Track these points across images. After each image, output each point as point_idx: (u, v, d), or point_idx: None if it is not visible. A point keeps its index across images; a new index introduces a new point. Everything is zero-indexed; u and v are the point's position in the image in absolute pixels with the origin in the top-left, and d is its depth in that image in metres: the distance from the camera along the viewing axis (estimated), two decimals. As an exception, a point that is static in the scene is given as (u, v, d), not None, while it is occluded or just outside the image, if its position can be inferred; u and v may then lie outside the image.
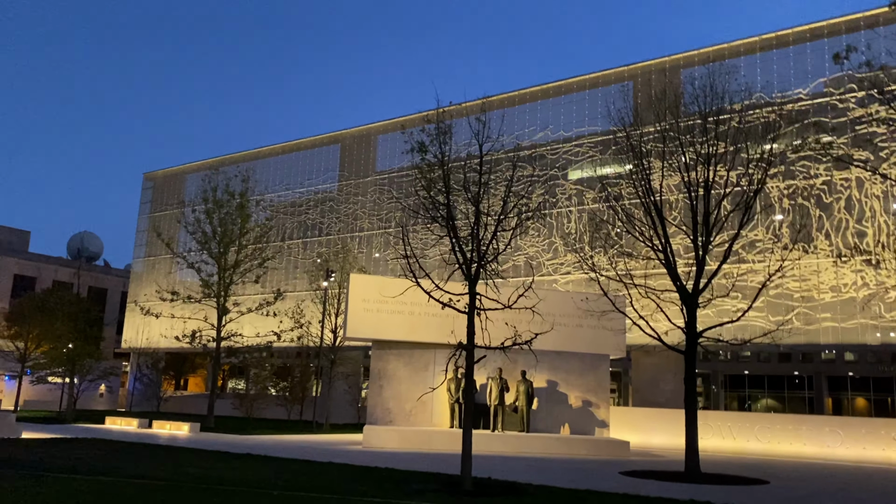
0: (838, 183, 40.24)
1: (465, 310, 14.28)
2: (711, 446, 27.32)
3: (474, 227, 14.47)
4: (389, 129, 53.14)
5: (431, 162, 14.64)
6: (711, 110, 19.76)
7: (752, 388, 49.20)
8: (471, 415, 14.31)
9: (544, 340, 17.58)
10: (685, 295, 19.28)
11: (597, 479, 16.82)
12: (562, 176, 46.90)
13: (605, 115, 24.61)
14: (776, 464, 23.63)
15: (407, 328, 24.68)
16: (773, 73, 41.30)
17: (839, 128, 38.52)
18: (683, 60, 43.71)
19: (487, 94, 16.55)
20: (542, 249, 46.86)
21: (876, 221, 39.38)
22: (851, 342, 40.90)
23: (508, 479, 15.38)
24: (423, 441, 23.55)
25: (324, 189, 56.55)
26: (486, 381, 24.85)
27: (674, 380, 37.24)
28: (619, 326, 24.63)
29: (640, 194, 20.24)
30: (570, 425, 26.08)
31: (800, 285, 40.57)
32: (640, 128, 22.36)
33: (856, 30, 38.64)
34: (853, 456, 25.60)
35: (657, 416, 30.31)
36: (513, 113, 47.52)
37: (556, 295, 27.34)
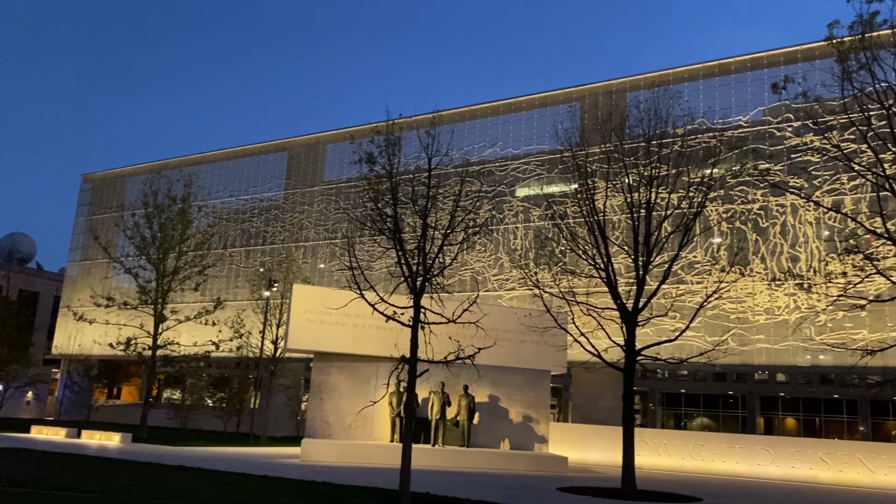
0: (774, 209, 41.66)
1: (409, 323, 14.21)
2: (648, 463, 27.74)
3: (421, 240, 14.44)
4: (339, 138, 52.85)
5: (380, 173, 14.58)
6: (655, 134, 20.23)
7: (688, 407, 50.18)
8: (411, 429, 14.21)
9: (487, 355, 17.60)
10: (625, 313, 19.61)
11: (535, 495, 16.88)
12: (509, 192, 47.33)
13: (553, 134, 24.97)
14: (710, 481, 24.13)
15: (350, 341, 24.44)
16: (715, 99, 42.63)
17: (776, 155, 39.92)
18: (630, 84, 44.75)
19: (438, 109, 16.57)
20: (488, 265, 47.14)
21: (809, 247, 40.87)
22: (783, 363, 42.26)
23: (447, 494, 15.30)
24: (362, 455, 23.28)
25: (269, 197, 55.81)
26: (428, 396, 24.75)
27: (613, 397, 37.79)
28: (561, 343, 24.89)
29: (585, 213, 20.57)
30: (511, 440, 26.17)
31: (736, 307, 41.74)
32: (586, 148, 22.75)
33: (794, 61, 40.23)
34: (782, 474, 26.34)
35: (596, 432, 30.66)
36: (463, 128, 47.84)
37: (500, 310, 27.47)
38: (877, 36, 14.81)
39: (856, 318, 37.33)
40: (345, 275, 15.17)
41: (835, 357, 38.59)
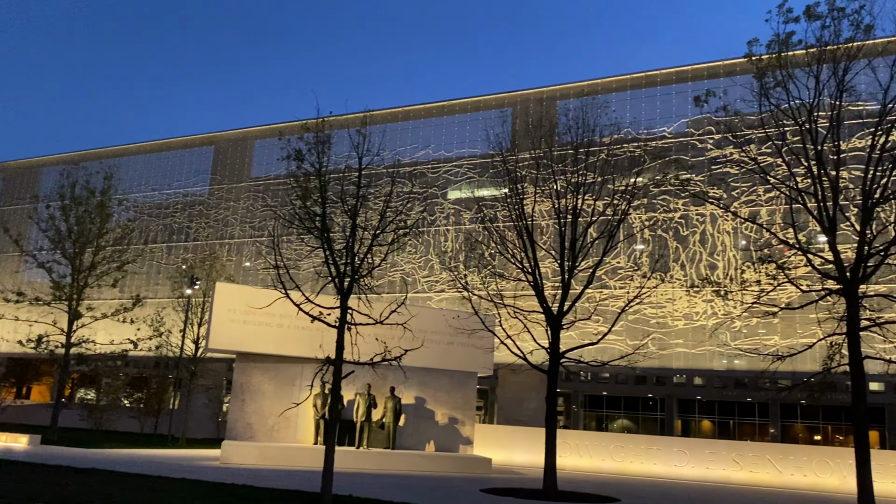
0: (694, 218, 43.15)
1: (335, 324, 14.06)
2: (569, 464, 28.24)
3: (349, 240, 14.30)
4: (267, 134, 51.95)
5: (308, 171, 14.38)
6: (583, 142, 20.65)
7: (609, 409, 51.45)
8: (334, 431, 14.06)
9: (415, 357, 17.60)
10: (550, 316, 19.94)
11: (458, 496, 16.95)
12: (441, 195, 47.48)
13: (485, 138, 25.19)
14: (628, 482, 24.75)
15: (274, 341, 24.01)
16: (641, 110, 43.85)
17: (697, 166, 41.36)
18: (560, 92, 45.57)
19: (370, 108, 16.47)
20: (419, 266, 47.17)
21: (726, 255, 42.50)
22: (700, 367, 43.80)
23: (370, 496, 15.19)
24: (285, 457, 22.89)
25: (194, 192, 54.34)
26: (354, 397, 24.55)
27: (537, 398, 38.34)
28: (488, 345, 25.09)
29: (514, 218, 20.82)
30: (436, 442, 26.21)
31: (656, 312, 43.04)
32: (517, 153, 23.04)
33: (716, 76, 41.78)
34: (698, 475, 27.24)
35: (520, 433, 31.02)
36: (395, 129, 47.73)
37: (428, 312, 27.48)
38: (792, 55, 15.51)
39: (768, 325, 39.04)
40: (270, 274, 14.89)
41: (748, 362, 40.25)
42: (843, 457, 25.28)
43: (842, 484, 24.62)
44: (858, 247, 14.71)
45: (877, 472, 17.55)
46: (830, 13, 14.91)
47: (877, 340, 15.26)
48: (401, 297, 14.97)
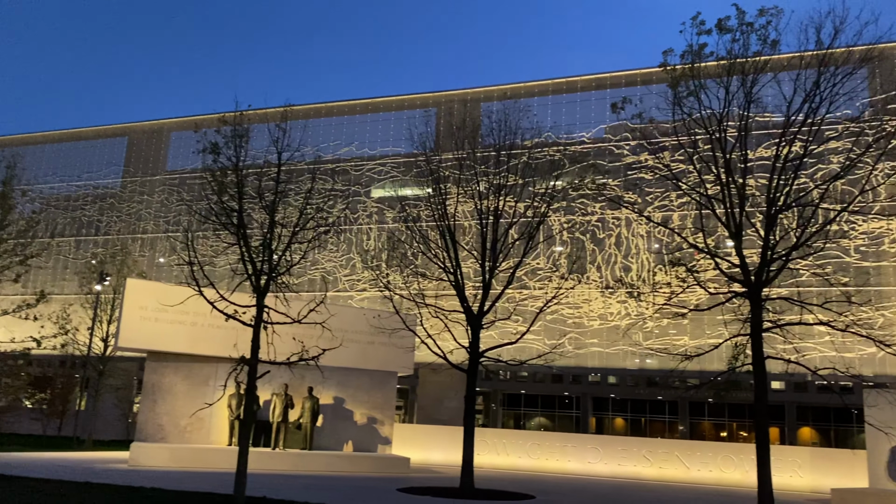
0: (610, 221, 44.36)
1: (251, 322, 13.75)
2: (487, 462, 28.54)
3: (267, 237, 14.02)
4: (184, 126, 50.41)
5: (225, 165, 14.01)
6: (505, 144, 20.90)
7: (527, 407, 52.28)
8: (248, 431, 13.76)
9: (334, 357, 17.38)
10: (471, 316, 20.10)
11: (374, 496, 16.87)
12: (364, 193, 47.16)
13: (409, 137, 25.17)
14: (544, 479, 25.21)
15: (187, 340, 23.30)
16: (562, 115, 44.76)
17: (614, 171, 42.53)
18: (484, 94, 46.00)
19: (291, 103, 16.19)
20: (340, 265, 46.71)
21: (640, 258, 43.85)
22: (614, 366, 45.06)
23: (285, 498, 14.94)
24: (197, 459, 22.25)
25: (105, 184, 52.17)
26: (270, 398, 24.09)
27: (457, 397, 38.58)
28: (409, 344, 25.08)
29: (437, 218, 20.89)
30: (354, 442, 26.01)
31: (573, 312, 44.02)
32: (440, 154, 23.13)
33: (634, 84, 43.06)
34: (610, 471, 28.00)
35: (439, 432, 31.14)
36: (318, 124, 47.12)
37: (348, 311, 27.25)
38: (704, 66, 16.13)
39: (678, 326, 40.50)
40: (184, 270, 14.45)
41: (659, 361, 41.66)
42: (745, 452, 26.46)
43: (744, 478, 25.77)
44: (762, 252, 15.42)
45: (776, 466, 18.46)
46: (740, 27, 15.58)
47: (778, 341, 16.00)
48: (320, 296, 14.76)
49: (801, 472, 25.92)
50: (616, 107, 16.64)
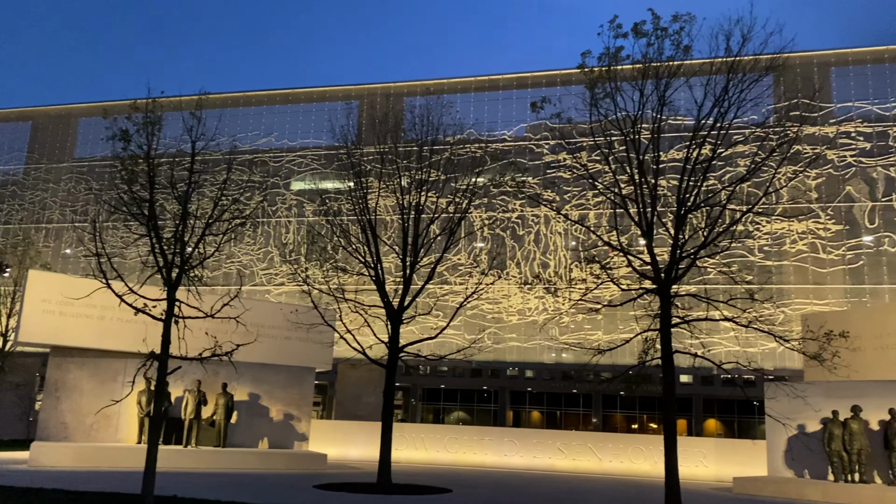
0: (530, 218, 45.09)
1: (161, 317, 13.30)
2: (406, 457, 28.57)
3: (179, 228, 13.58)
4: (93, 112, 48.27)
5: (136, 153, 13.49)
6: (427, 139, 20.93)
7: (446, 402, 52.60)
8: (158, 429, 13.33)
9: (249, 352, 17.03)
10: (391, 311, 20.05)
11: (289, 493, 16.63)
12: (283, 185, 46.34)
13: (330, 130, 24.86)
14: (461, 473, 25.43)
15: (94, 334, 22.37)
16: (484, 112, 45.17)
17: (533, 169, 43.24)
18: (407, 89, 45.92)
19: (206, 91, 15.70)
20: (257, 258, 45.76)
21: (557, 255, 44.76)
22: (532, 360, 45.88)
23: (196, 496, 14.54)
24: (105, 458, 21.39)
25: (7, 171, 49.41)
26: (182, 394, 23.39)
27: (375, 393, 38.44)
28: (328, 340, 24.83)
29: (358, 212, 20.74)
30: (270, 439, 25.56)
31: (493, 307, 44.56)
32: (362, 147, 22.96)
33: (554, 84, 43.85)
34: (526, 464, 28.50)
35: (357, 428, 30.97)
36: (235, 114, 45.97)
37: (265, 306, 26.76)
38: (621, 69, 16.56)
39: (593, 321, 41.51)
40: (91, 262, 13.84)
41: (575, 355, 42.64)
42: (654, 444, 27.40)
43: (653, 468, 26.69)
44: (672, 250, 15.98)
45: (683, 456, 19.24)
46: (655, 32, 16.05)
47: (686, 336, 16.62)
48: (235, 290, 14.41)
49: (707, 461, 27.05)
50: (535, 106, 16.89)
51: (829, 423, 21.18)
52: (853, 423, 20.77)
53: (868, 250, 42.62)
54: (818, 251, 42.93)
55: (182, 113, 14.03)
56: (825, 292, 42.33)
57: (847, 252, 42.65)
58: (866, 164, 43.38)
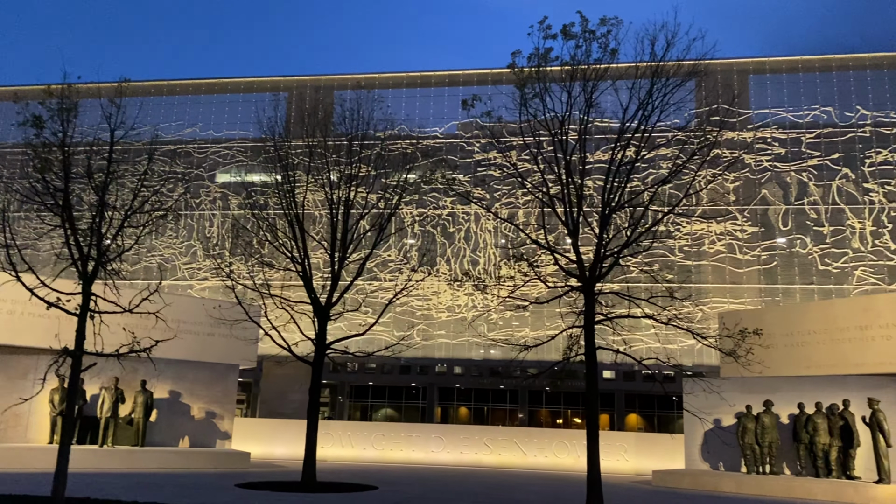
0: (460, 216, 45.31)
1: (75, 311, 12.75)
2: (332, 455, 28.33)
3: (96, 219, 13.04)
4: (3, 96, 45.94)
5: (50, 141, 12.87)
6: (357, 134, 20.73)
7: (374, 399, 52.44)
8: (70, 428, 12.77)
9: (170, 348, 16.48)
10: (318, 307, 19.80)
11: (210, 492, 16.24)
12: (208, 177, 45.18)
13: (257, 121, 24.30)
14: (388, 469, 25.37)
15: (3, 329, 21.34)
16: (416, 109, 45.11)
17: (464, 167, 43.45)
18: (337, 82, 45.42)
19: (127, 78, 15.11)
20: (180, 252, 44.50)
21: (487, 252, 45.15)
22: (460, 357, 46.15)
23: (110, 497, 14.02)
24: (13, 459, 20.37)
25: None
26: (99, 392, 22.52)
27: (301, 390, 37.93)
28: (252, 336, 24.34)
29: (284, 206, 20.37)
30: (191, 438, 24.90)
31: (422, 304, 44.60)
32: (290, 140, 22.56)
33: (485, 83, 44.18)
34: (453, 459, 28.67)
35: (282, 426, 30.51)
36: (158, 103, 44.53)
37: (187, 301, 26.06)
38: (550, 70, 16.79)
39: (521, 318, 42.14)
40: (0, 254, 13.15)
41: (502, 352, 43.13)
42: (578, 438, 28.01)
43: (576, 463, 27.26)
44: (596, 249, 16.33)
45: (605, 450, 19.67)
46: (583, 34, 16.31)
47: (609, 333, 16.99)
48: (154, 285, 13.94)
49: (628, 455, 27.81)
50: (466, 104, 16.94)
51: (743, 417, 22.08)
52: (765, 417, 21.71)
53: (781, 252, 44.62)
54: (735, 252, 44.69)
55: (101, 100, 13.46)
56: (741, 291, 44.13)
57: (762, 253, 44.56)
58: (781, 168, 45.40)
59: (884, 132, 44.92)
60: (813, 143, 45.42)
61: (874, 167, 44.49)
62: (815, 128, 45.66)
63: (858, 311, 22.04)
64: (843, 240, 43.97)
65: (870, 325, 21.35)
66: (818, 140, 45.40)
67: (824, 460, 20.49)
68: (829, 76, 46.48)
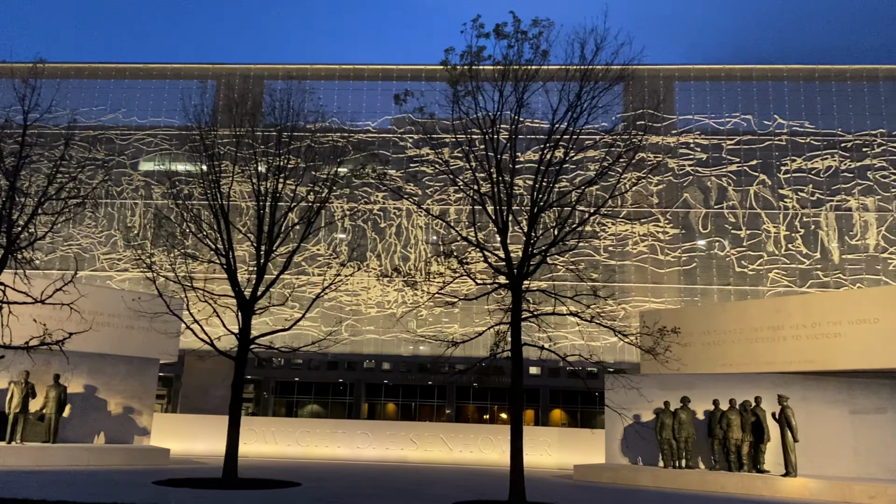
0: (392, 211, 45.18)
1: (-18, 302, 12.15)
2: (255, 451, 27.85)
3: (6, 206, 12.43)
4: None
5: (-44, 122, 12.22)
6: (287, 125, 20.38)
7: (300, 395, 51.80)
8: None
9: (86, 341, 15.89)
10: (242, 301, 19.41)
11: (126, 490, 15.72)
12: (130, 165, 43.67)
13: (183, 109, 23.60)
14: (312, 466, 25.11)
15: None
16: (348, 102, 44.72)
17: (397, 162, 43.34)
18: (268, 71, 44.60)
19: (43, 59, 14.45)
20: (99, 242, 42.89)
21: (418, 248, 45.18)
22: (389, 353, 46.07)
23: (17, 496, 13.40)
24: None
25: None
26: (8, 386, 21.48)
27: (224, 385, 37.13)
28: (174, 330, 23.67)
29: (210, 197, 19.87)
30: (108, 434, 24.04)
31: (351, 299, 44.28)
32: (217, 129, 21.99)
33: (419, 79, 44.15)
34: (378, 455, 28.60)
35: (204, 422, 29.79)
36: (78, 86, 42.77)
37: (104, 292, 25.14)
38: (482, 69, 16.91)
39: (450, 314, 42.36)
40: None
41: (431, 348, 43.25)
42: (503, 433, 28.31)
43: (501, 458, 27.60)
44: (524, 247, 16.55)
45: (529, 445, 20.07)
46: (516, 34, 16.51)
47: (535, 330, 17.25)
48: (69, 275, 13.39)
49: (551, 450, 28.33)
50: (398, 98, 16.90)
51: (661, 413, 22.79)
52: (682, 412, 22.46)
53: (701, 254, 46.25)
54: (657, 253, 46.08)
55: (13, 81, 12.84)
56: (662, 291, 45.55)
57: (682, 254, 46.08)
58: (702, 173, 47.04)
59: (799, 141, 47.08)
60: (733, 150, 47.22)
61: (789, 174, 46.60)
62: (735, 135, 47.48)
63: (771, 311, 23.03)
64: (759, 243, 45.90)
65: (781, 325, 22.34)
66: (738, 147, 47.23)
67: (737, 455, 21.34)
68: (750, 85, 48.42)
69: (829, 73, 48.07)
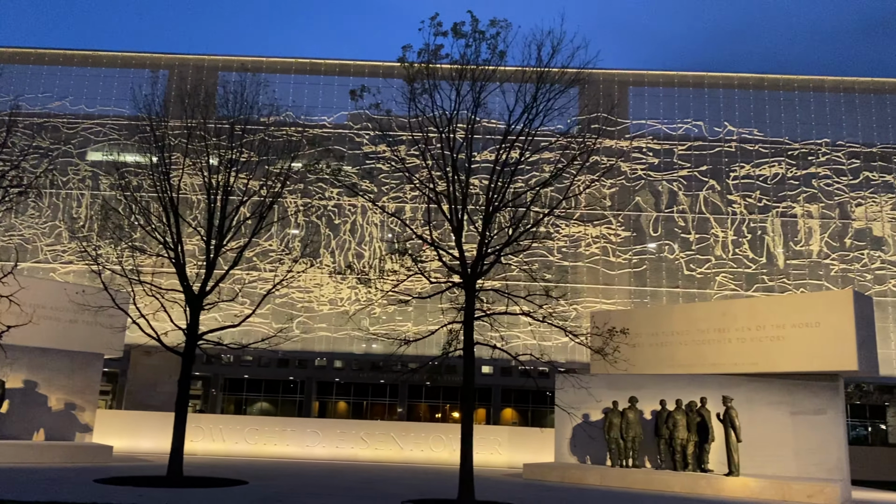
0: (347, 208, 44.90)
1: (-86, 292, 11.65)
2: (202, 449, 27.37)
3: (-58, 193, 11.96)
4: None
5: None
6: (240, 118, 20.06)
7: (249, 392, 51.10)
8: None
9: (26, 335, 15.36)
10: (191, 296, 19.04)
11: (66, 488, 15.28)
12: (77, 154, 42.47)
13: (133, 99, 23.01)
14: (261, 464, 24.78)
15: None
16: (304, 96, 44.26)
17: (352, 158, 43.07)
18: (222, 63, 43.87)
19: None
20: (42, 233, 41.62)
21: (372, 246, 44.99)
22: (341, 350, 45.78)
23: (-50, 497, 12.91)
24: None
25: None
26: (-60, 381, 20.69)
27: (171, 382, 36.42)
28: (119, 324, 23.08)
29: (159, 189, 19.44)
30: (48, 430, 23.34)
31: (304, 296, 43.87)
32: (168, 120, 21.51)
33: (376, 75, 43.94)
34: (328, 454, 28.37)
35: (150, 419, 29.18)
36: (23, 72, 41.43)
37: (46, 284, 24.38)
38: (439, 67, 16.89)
39: (404, 312, 42.27)
40: None
41: (384, 346, 43.09)
42: (454, 432, 28.40)
43: (452, 456, 27.64)
44: (478, 247, 16.60)
45: (479, 444, 20.09)
46: (473, 34, 16.53)
47: (487, 329, 17.31)
48: (8, 266, 12.94)
49: (501, 449, 28.51)
50: (355, 94, 16.77)
51: (610, 412, 23.11)
52: (630, 412, 22.82)
53: (651, 256, 47.07)
54: (608, 255, 46.74)
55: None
56: (612, 292, 46.22)
57: (633, 257, 46.83)
58: (654, 177, 47.88)
59: (748, 148, 48.28)
60: (684, 155, 48.18)
61: (737, 180, 47.74)
62: (686, 140, 48.44)
63: (717, 314, 23.53)
64: (707, 247, 46.93)
65: (727, 327, 22.84)
66: (689, 152, 48.20)
67: (682, 454, 21.77)
68: (702, 92, 49.45)
69: (777, 83, 49.41)
